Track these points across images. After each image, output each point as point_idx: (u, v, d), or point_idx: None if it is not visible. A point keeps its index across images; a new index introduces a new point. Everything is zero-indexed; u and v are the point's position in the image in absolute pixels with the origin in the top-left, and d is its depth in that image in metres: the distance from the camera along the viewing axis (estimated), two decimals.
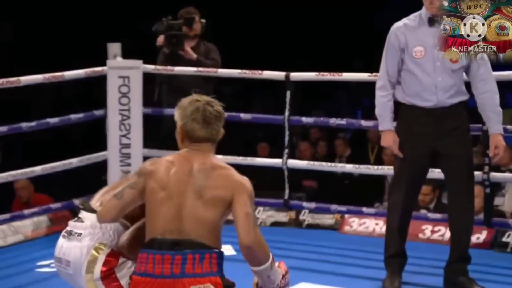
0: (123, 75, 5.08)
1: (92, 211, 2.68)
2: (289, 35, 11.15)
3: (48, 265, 4.17)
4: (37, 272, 4.16)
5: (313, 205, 5.00)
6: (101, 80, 5.13)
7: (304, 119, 5.04)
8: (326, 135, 7.87)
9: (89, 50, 7.24)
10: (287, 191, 5.00)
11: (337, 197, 5.94)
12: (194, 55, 5.14)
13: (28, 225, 4.82)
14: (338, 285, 3.91)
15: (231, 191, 2.45)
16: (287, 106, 4.91)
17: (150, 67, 5.17)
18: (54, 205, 4.97)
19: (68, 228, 2.75)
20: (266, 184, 6.56)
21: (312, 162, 5.35)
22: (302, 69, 5.03)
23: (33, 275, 4.13)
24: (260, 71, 5.00)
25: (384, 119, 3.76)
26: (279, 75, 4.96)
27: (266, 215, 5.18)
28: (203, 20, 5.21)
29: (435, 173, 4.02)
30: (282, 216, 5.15)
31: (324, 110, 9.48)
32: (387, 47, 3.75)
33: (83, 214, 2.73)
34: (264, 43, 10.92)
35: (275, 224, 5.14)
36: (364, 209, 4.83)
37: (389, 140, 3.76)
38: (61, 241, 2.73)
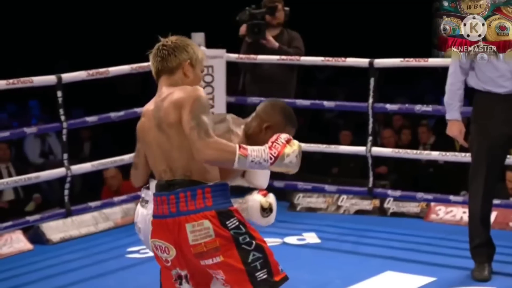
0: (207, 64, 5.13)
1: None
2: (373, 21, 11.00)
3: (137, 251, 4.29)
4: (127, 258, 4.29)
5: (398, 193, 4.94)
6: None
7: (389, 106, 4.97)
8: (409, 122, 7.74)
9: None
10: (371, 179, 4.96)
11: (421, 185, 5.86)
12: (276, 44, 5.15)
13: (118, 212, 4.96)
14: (424, 275, 3.86)
15: (178, 111, 2.43)
16: (371, 93, 4.86)
17: (233, 56, 5.21)
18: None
19: (142, 195, 2.85)
20: (349, 172, 6.54)
21: (397, 150, 5.27)
22: (384, 55, 4.96)
23: (123, 260, 4.26)
24: (343, 58, 4.96)
25: (452, 108, 3.73)
26: (362, 61, 4.91)
27: (350, 203, 5.15)
28: (287, 8, 5.21)
29: None
30: (366, 204, 5.11)
31: (407, 96, 9.30)
32: None
33: (151, 181, 2.82)
34: (348, 30, 10.81)
35: (359, 212, 5.11)
36: (451, 197, 4.74)
37: (455, 130, 3.74)
38: (138, 207, 2.84)
